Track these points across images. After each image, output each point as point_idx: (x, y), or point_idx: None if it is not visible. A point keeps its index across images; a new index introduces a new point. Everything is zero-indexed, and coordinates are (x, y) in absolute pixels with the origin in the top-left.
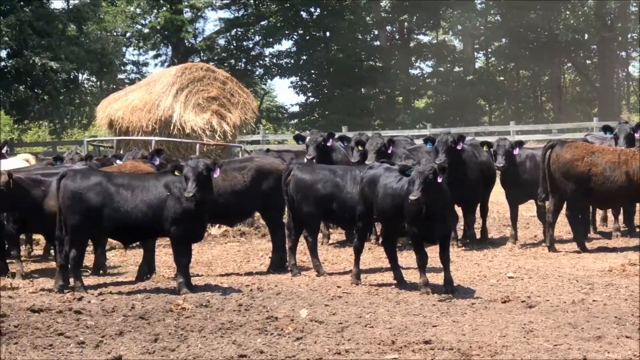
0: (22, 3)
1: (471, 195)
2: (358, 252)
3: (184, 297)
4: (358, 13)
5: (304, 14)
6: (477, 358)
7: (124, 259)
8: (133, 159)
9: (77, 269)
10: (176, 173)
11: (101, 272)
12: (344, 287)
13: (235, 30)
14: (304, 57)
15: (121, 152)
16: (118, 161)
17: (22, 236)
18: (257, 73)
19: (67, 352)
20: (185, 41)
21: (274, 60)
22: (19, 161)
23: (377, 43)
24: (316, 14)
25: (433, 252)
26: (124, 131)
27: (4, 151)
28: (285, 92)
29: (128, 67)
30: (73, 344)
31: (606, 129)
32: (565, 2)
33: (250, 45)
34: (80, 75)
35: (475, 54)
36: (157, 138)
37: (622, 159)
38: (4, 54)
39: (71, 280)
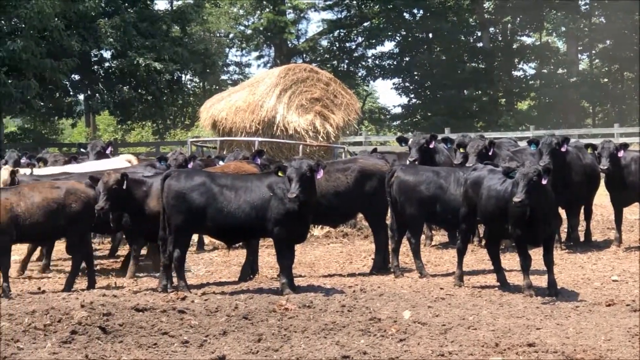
0: (126, 4)
1: (575, 198)
2: (461, 254)
3: (287, 297)
4: (461, 14)
5: (406, 15)
6: None
7: (227, 259)
8: (235, 159)
9: (180, 269)
10: (279, 174)
11: None
12: (446, 289)
13: (338, 31)
14: (407, 59)
15: (224, 152)
16: (221, 162)
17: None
18: (359, 74)
19: (172, 351)
20: (288, 42)
21: (377, 62)
22: (121, 161)
23: (480, 44)
24: (419, 15)
25: (536, 255)
26: (227, 132)
27: (108, 152)
28: (387, 94)
29: (231, 68)
30: (177, 343)
31: None
32: None
33: (353, 47)
34: (183, 76)
35: (579, 55)
36: (260, 139)
37: None
38: (108, 55)
39: (174, 279)
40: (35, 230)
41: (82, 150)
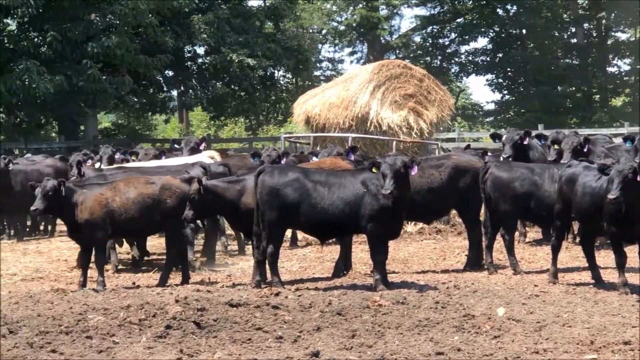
0: (220, 1)
1: None
2: (555, 251)
3: (381, 293)
4: (555, 10)
5: (500, 12)
6: None
7: (321, 255)
8: (329, 155)
9: (274, 264)
10: (374, 170)
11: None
12: (541, 286)
13: (431, 27)
14: (500, 55)
15: (317, 148)
16: (314, 158)
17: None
18: (452, 70)
19: (266, 347)
20: (381, 38)
21: (470, 58)
22: (204, 158)
23: (574, 41)
24: (512, 11)
25: (632, 252)
26: (320, 128)
27: (202, 147)
28: (480, 90)
29: (323, 64)
30: (271, 339)
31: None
32: None
33: (446, 43)
34: (276, 72)
35: None
36: (353, 135)
37: None
38: (202, 51)
39: (268, 275)
40: (130, 226)
41: (175, 146)
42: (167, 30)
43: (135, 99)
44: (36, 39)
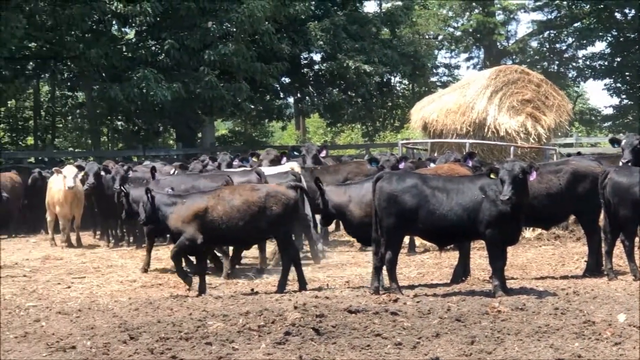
0: (336, 7)
1: None
2: None
3: (500, 299)
4: None
5: (618, 15)
6: None
7: (439, 261)
8: (446, 161)
9: (392, 271)
10: (492, 176)
11: None
12: None
13: (548, 32)
14: (618, 59)
15: (435, 154)
16: (432, 164)
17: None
18: (570, 75)
19: (385, 353)
20: (498, 43)
21: (588, 62)
22: (285, 169)
23: None
24: (631, 14)
25: None
26: (437, 134)
27: (322, 155)
28: (598, 95)
29: (440, 70)
30: (390, 345)
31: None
32: None
33: (564, 47)
34: (392, 78)
35: None
36: (471, 141)
37: None
38: (318, 57)
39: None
40: (234, 233)
41: (295, 153)
42: (284, 38)
43: (252, 106)
44: (154, 47)
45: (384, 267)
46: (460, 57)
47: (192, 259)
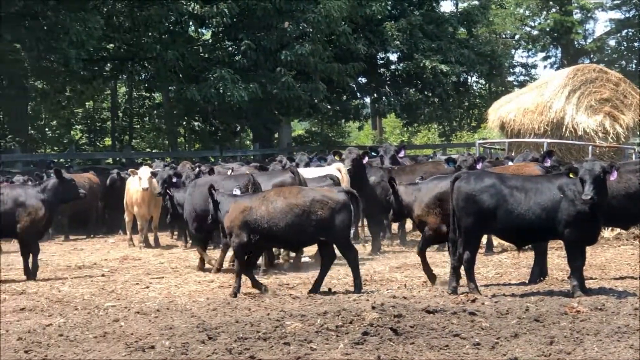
0: (412, 7)
1: None
2: None
3: (579, 300)
4: None
5: None
6: None
7: (516, 261)
8: (524, 160)
9: (470, 271)
10: (571, 175)
11: None
12: None
13: (626, 30)
14: None
15: (512, 154)
16: (510, 163)
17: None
18: None
19: (463, 353)
20: (575, 42)
21: None
22: (332, 170)
23: None
24: None
25: None
26: (515, 133)
27: (401, 155)
28: None
29: (517, 69)
30: (468, 345)
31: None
32: None
33: None
34: (469, 78)
35: None
36: (548, 140)
37: None
38: (394, 57)
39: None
40: (278, 236)
41: (373, 153)
42: (360, 38)
43: (329, 106)
44: (230, 48)
45: (462, 267)
46: (537, 57)
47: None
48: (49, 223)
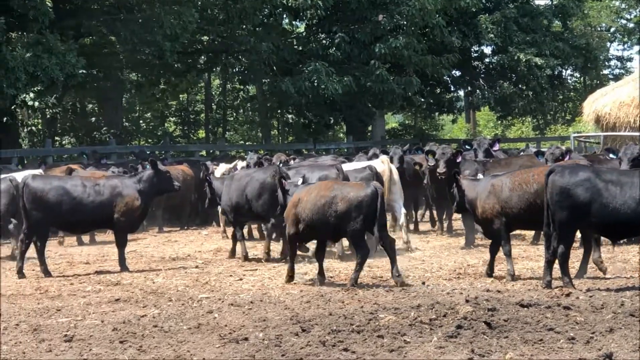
0: (506, 0)
1: None
2: None
3: None
4: None
5: None
6: None
7: (612, 255)
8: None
9: (564, 265)
10: None
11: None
12: None
13: None
14: None
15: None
16: (611, 155)
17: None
18: None
19: (557, 348)
20: None
21: None
22: (377, 163)
23: None
24: None
25: None
26: (610, 127)
27: (495, 148)
28: None
29: (612, 62)
30: (563, 340)
31: None
32: None
33: None
34: (564, 71)
35: None
36: None
37: None
38: (489, 50)
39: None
40: (315, 227)
41: (466, 147)
42: (454, 31)
43: (422, 99)
44: (324, 41)
45: (557, 261)
46: (633, 50)
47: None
48: (144, 214)
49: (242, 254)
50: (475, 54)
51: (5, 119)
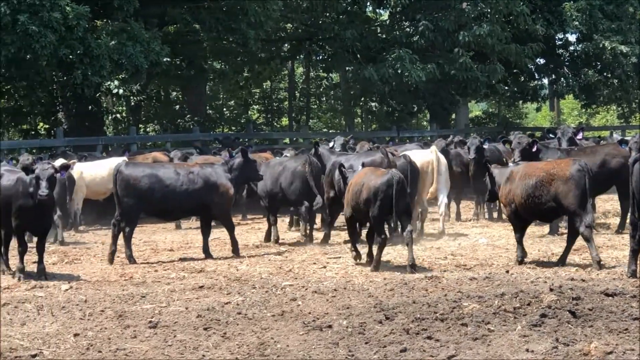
0: None
1: None
2: None
3: None
4: None
5: None
6: None
7: None
8: None
9: None
10: None
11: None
12: None
13: None
14: None
15: None
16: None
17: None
18: None
19: None
20: None
21: None
22: (426, 153)
23: None
24: None
25: None
26: None
27: (579, 137)
28: None
29: None
30: None
31: None
32: None
33: None
34: None
35: None
36: None
37: None
38: (573, 38)
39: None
40: (360, 211)
41: (550, 135)
42: (539, 18)
43: (506, 88)
44: (408, 29)
45: None
46: None
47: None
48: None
49: (274, 238)
50: (560, 42)
51: (90, 106)
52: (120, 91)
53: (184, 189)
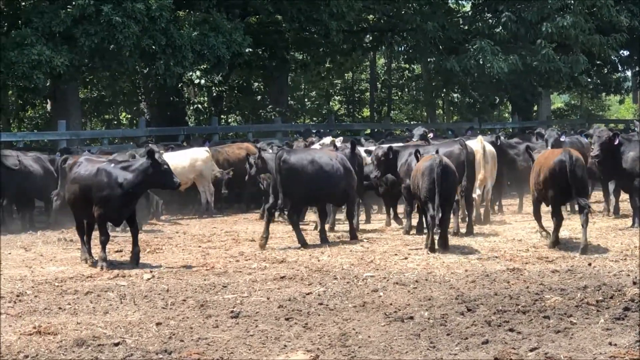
0: None
1: None
2: None
3: None
4: None
5: None
6: None
7: None
8: None
9: None
10: None
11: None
12: None
13: None
14: None
15: None
16: None
17: None
18: None
19: None
20: None
21: None
22: (473, 142)
23: None
24: None
25: None
26: None
27: None
28: None
29: None
30: None
31: None
32: None
33: None
34: None
35: None
36: None
37: None
38: None
39: None
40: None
41: (636, 128)
42: (623, 9)
43: (589, 79)
44: (490, 20)
45: None
46: None
47: None
48: None
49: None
50: None
51: (172, 97)
52: (202, 82)
53: (338, 175)
